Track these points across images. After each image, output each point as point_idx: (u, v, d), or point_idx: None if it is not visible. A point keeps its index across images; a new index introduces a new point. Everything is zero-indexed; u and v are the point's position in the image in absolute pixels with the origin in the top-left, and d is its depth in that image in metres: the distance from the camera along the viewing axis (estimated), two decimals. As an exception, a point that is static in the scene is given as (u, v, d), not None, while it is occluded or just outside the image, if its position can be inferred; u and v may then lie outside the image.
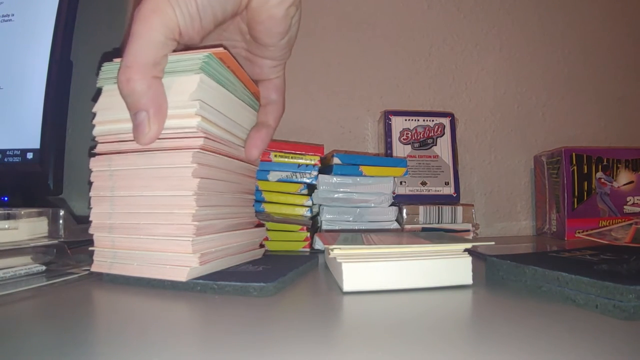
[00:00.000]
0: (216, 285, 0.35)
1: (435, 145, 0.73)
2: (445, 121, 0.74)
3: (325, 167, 0.64)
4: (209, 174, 0.38)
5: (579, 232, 0.69)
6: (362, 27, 0.84)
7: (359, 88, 0.84)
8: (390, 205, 0.63)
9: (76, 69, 0.69)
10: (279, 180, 0.62)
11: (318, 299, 0.35)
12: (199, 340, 0.25)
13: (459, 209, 0.66)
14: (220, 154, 0.39)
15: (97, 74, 0.37)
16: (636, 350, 0.23)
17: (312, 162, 0.62)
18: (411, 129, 0.73)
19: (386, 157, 0.71)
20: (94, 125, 0.38)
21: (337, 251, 0.36)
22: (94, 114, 0.38)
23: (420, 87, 0.85)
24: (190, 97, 0.34)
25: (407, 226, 0.64)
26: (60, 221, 0.44)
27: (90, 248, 0.39)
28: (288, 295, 0.35)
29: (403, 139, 0.73)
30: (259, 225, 0.49)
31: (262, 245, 0.48)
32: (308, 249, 0.59)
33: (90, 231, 0.39)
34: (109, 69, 0.37)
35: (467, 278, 0.36)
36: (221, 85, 0.38)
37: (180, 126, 0.35)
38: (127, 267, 0.37)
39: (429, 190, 0.71)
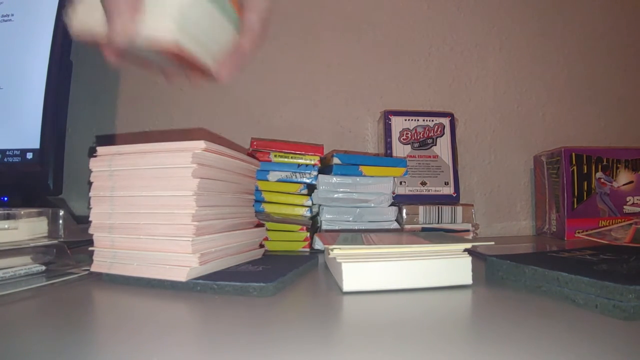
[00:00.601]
0: (216, 285, 0.35)
1: (435, 145, 0.73)
2: (445, 121, 0.74)
3: (325, 167, 0.64)
4: (209, 174, 0.38)
5: (578, 232, 0.69)
6: (362, 27, 0.84)
7: (359, 88, 0.84)
8: (390, 205, 0.63)
9: (76, 69, 0.69)
10: (278, 180, 0.62)
11: (318, 299, 0.35)
12: (198, 340, 0.25)
13: (459, 209, 0.66)
14: (220, 154, 0.39)
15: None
16: (636, 350, 0.23)
17: (312, 162, 0.62)
18: (411, 129, 0.73)
19: (386, 157, 0.71)
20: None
21: (337, 251, 0.36)
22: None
23: (420, 87, 0.85)
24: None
25: (407, 226, 0.64)
26: (60, 221, 0.44)
27: (90, 248, 0.39)
28: (288, 295, 0.35)
29: (403, 139, 0.73)
30: (259, 225, 0.49)
31: (261, 245, 0.49)
32: (308, 249, 0.59)
33: (90, 231, 0.39)
34: None
35: (467, 278, 0.36)
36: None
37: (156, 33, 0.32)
38: (127, 267, 0.37)
39: (428, 190, 0.71)
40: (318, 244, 0.58)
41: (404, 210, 0.65)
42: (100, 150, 0.39)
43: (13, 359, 0.22)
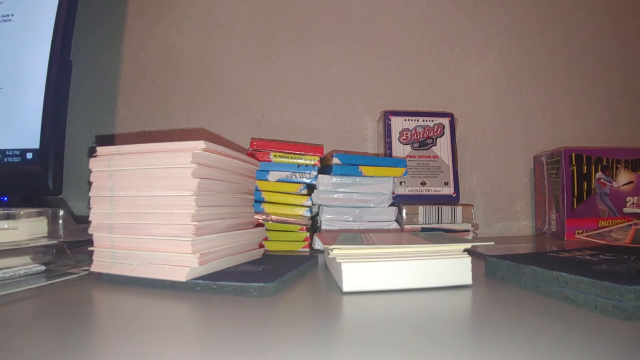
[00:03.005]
0: (216, 285, 0.35)
1: (435, 145, 0.73)
2: (445, 121, 0.74)
3: (325, 167, 0.64)
4: (209, 174, 0.38)
5: (578, 233, 0.69)
6: (362, 27, 0.84)
7: (359, 88, 0.84)
8: (390, 205, 0.63)
9: (76, 68, 0.69)
10: (278, 180, 0.62)
11: (318, 299, 0.35)
12: (198, 340, 0.25)
13: (459, 209, 0.66)
14: (220, 154, 0.39)
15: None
16: (636, 350, 0.23)
17: (312, 162, 0.62)
18: (411, 129, 0.73)
19: (386, 157, 0.71)
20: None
21: (337, 251, 0.36)
22: None
23: (420, 87, 0.85)
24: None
25: (407, 226, 0.64)
26: (60, 221, 0.44)
27: (90, 248, 0.39)
28: (288, 295, 0.35)
29: (403, 139, 0.73)
30: (259, 225, 0.49)
31: (261, 245, 0.48)
32: (308, 249, 0.59)
33: (90, 231, 0.39)
34: None
35: (466, 278, 0.36)
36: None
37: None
38: (127, 267, 0.37)
39: (428, 190, 0.71)
40: (318, 244, 0.58)
41: (404, 210, 0.65)
42: (100, 150, 0.39)
43: (13, 359, 0.22)
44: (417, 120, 0.74)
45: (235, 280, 0.35)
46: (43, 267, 0.40)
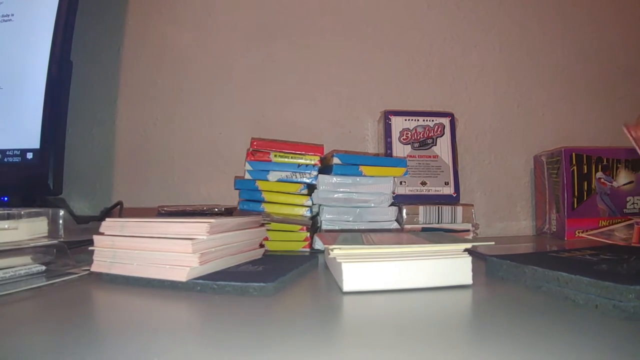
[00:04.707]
0: (216, 285, 0.35)
1: (435, 145, 0.73)
2: (445, 121, 0.74)
3: (325, 167, 0.64)
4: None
5: (580, 232, 0.69)
6: (362, 27, 0.84)
7: (359, 88, 0.84)
8: (390, 205, 0.63)
9: (76, 69, 0.69)
10: (278, 180, 0.62)
11: (318, 299, 0.35)
12: (198, 340, 0.25)
13: (459, 209, 0.66)
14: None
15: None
16: (636, 350, 0.23)
17: (312, 162, 0.62)
18: (411, 129, 0.73)
19: (386, 157, 0.71)
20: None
21: (337, 251, 0.36)
22: None
23: (420, 87, 0.85)
24: None
25: (407, 226, 0.64)
26: (60, 221, 0.44)
27: (90, 248, 0.39)
28: (288, 295, 0.35)
29: (403, 139, 0.73)
30: (259, 225, 0.49)
31: (262, 245, 0.48)
32: (308, 249, 0.59)
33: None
34: None
35: (467, 278, 0.36)
36: None
37: None
38: (127, 267, 0.37)
39: (428, 190, 0.71)
40: (318, 244, 0.58)
41: (404, 210, 0.65)
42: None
43: (13, 359, 0.22)
44: (417, 120, 0.74)
45: (236, 280, 0.35)
46: (43, 267, 0.40)
